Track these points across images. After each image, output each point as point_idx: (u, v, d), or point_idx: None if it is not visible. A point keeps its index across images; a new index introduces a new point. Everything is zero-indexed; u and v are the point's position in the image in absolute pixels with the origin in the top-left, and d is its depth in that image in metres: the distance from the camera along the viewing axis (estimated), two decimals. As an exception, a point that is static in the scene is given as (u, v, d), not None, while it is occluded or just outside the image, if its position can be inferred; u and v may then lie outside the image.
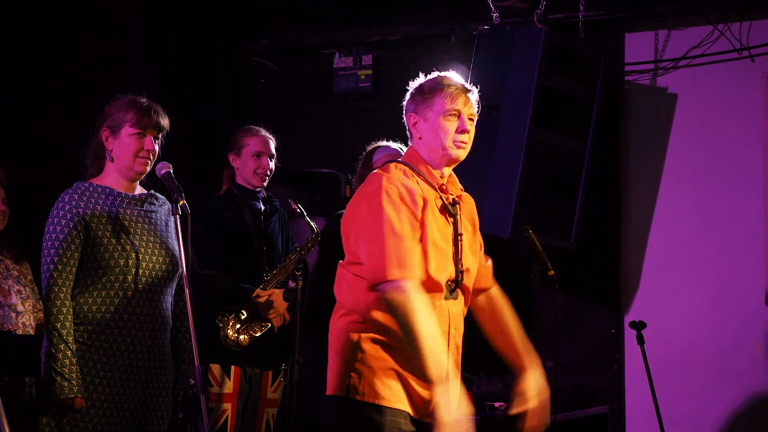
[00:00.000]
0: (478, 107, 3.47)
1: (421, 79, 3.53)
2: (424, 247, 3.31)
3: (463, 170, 3.59)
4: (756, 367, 5.88)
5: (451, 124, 3.39)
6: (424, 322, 3.17)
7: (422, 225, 3.31)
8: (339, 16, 6.72)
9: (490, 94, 5.35)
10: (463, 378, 5.64)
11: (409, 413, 3.29)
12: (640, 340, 5.29)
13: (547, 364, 5.99)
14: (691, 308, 6.05)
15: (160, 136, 4.04)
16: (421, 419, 3.32)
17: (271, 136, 5.03)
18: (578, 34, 5.90)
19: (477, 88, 3.50)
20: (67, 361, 3.78)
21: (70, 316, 3.84)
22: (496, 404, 5.49)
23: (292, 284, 4.77)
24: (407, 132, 3.51)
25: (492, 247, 6.13)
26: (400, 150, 4.97)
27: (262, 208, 5.00)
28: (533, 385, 3.50)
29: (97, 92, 4.23)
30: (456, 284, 3.41)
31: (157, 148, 4.03)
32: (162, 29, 6.10)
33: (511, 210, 5.28)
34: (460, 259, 3.41)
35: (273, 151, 5.00)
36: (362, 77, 6.61)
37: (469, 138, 3.43)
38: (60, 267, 3.85)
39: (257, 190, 4.97)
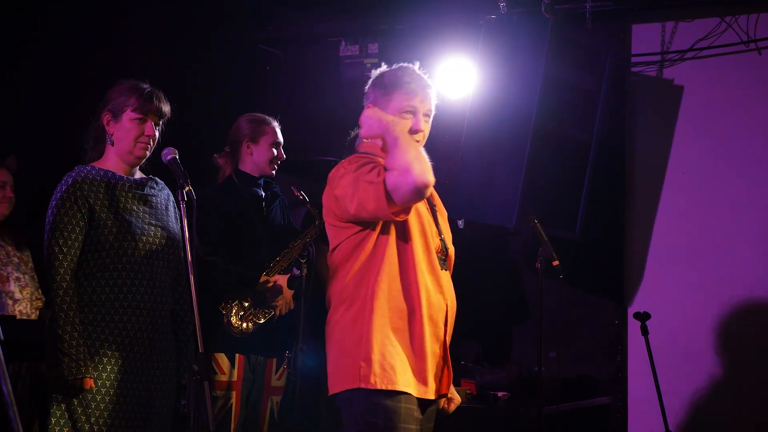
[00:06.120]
0: (435, 102, 3.56)
1: (383, 68, 3.60)
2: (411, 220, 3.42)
3: (469, 160, 3.61)
4: (760, 359, 5.88)
5: (406, 123, 3.45)
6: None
7: None
8: (346, 4, 6.71)
9: (496, 84, 5.35)
10: (467, 368, 5.69)
11: (415, 397, 3.34)
12: (645, 332, 5.29)
13: (550, 354, 6.04)
14: (695, 300, 6.05)
15: (161, 122, 4.07)
16: (423, 398, 3.38)
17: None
18: (585, 24, 5.88)
19: (435, 81, 3.63)
20: (74, 342, 3.81)
21: (75, 298, 3.86)
22: (500, 394, 5.50)
23: (296, 271, 4.78)
24: None
25: (497, 236, 6.16)
26: None
27: (263, 194, 5.01)
28: None
29: (104, 80, 4.22)
30: (444, 254, 3.54)
31: (157, 133, 4.06)
32: (168, 17, 6.09)
33: (517, 200, 5.27)
34: (441, 229, 3.55)
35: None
36: (368, 66, 6.60)
37: (422, 136, 3.51)
38: (65, 249, 3.87)
39: (261, 177, 4.99)
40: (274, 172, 5.01)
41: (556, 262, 4.53)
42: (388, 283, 3.37)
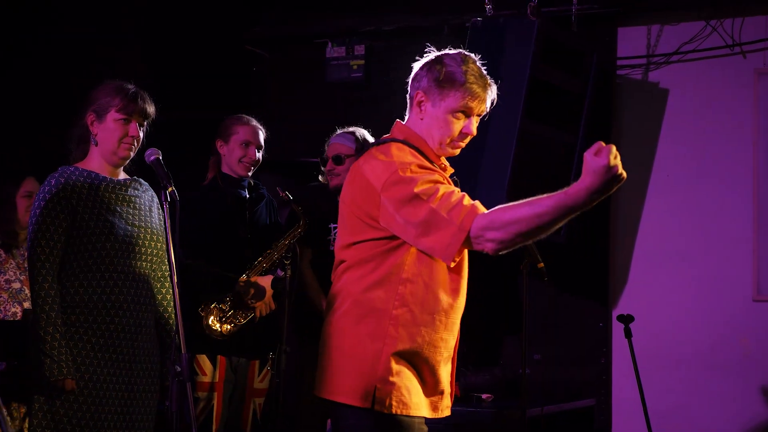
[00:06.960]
0: (492, 103, 3.29)
1: (443, 52, 3.32)
2: None
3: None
4: (742, 362, 5.90)
5: (457, 125, 3.22)
6: (527, 207, 3.15)
7: None
8: (332, 5, 6.71)
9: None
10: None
11: (425, 417, 3.25)
12: (628, 334, 5.30)
13: (534, 356, 6.04)
14: (679, 302, 6.06)
15: (145, 122, 4.06)
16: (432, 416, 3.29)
17: (261, 127, 5.02)
18: (571, 27, 5.90)
19: (497, 83, 3.28)
20: (56, 344, 3.79)
21: (57, 299, 3.85)
22: (483, 396, 5.50)
23: (280, 273, 4.77)
24: (407, 98, 3.31)
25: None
26: (359, 137, 5.00)
27: (247, 196, 4.98)
28: None
29: (91, 80, 4.20)
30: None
31: (141, 134, 4.05)
32: (156, 17, 6.08)
33: (503, 201, 5.27)
34: None
35: (261, 142, 4.99)
36: (354, 67, 6.59)
37: (469, 138, 3.29)
38: (47, 250, 3.86)
39: (242, 178, 4.96)
40: (248, 173, 4.95)
41: (540, 265, 4.53)
42: (421, 306, 3.15)
